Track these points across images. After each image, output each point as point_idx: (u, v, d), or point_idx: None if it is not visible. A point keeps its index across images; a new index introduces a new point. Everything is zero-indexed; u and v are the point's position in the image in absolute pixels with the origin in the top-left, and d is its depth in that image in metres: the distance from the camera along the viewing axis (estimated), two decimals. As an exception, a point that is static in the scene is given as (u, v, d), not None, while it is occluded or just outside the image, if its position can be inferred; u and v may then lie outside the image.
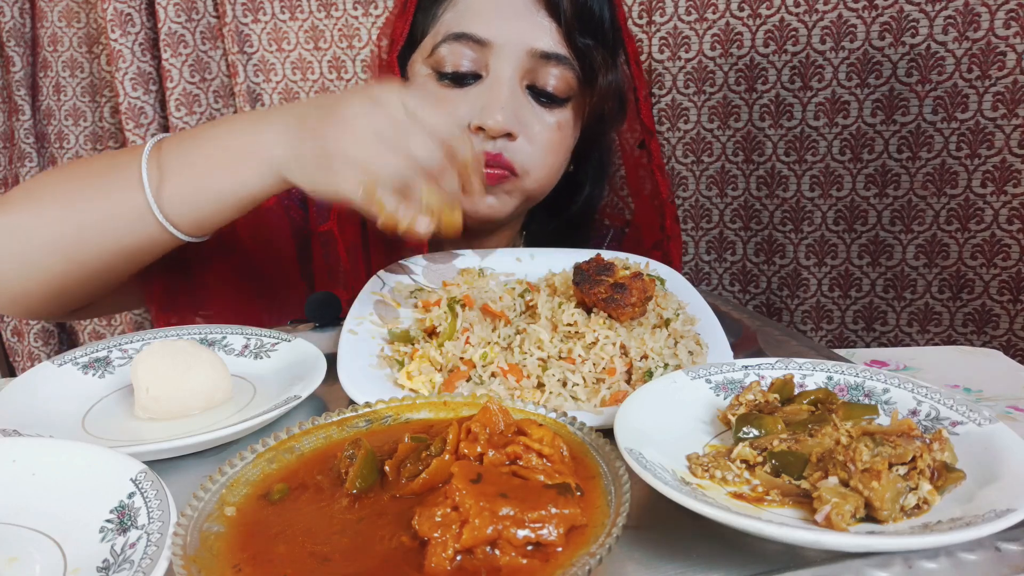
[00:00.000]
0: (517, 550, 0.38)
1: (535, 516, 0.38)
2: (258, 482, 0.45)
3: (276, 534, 0.40)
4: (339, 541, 0.40)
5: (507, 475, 0.42)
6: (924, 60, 1.24)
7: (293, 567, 0.38)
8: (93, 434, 0.58)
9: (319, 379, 0.61)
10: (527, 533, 0.38)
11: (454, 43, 0.83)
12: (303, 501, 0.43)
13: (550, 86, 0.85)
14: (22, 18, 1.48)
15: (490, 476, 0.41)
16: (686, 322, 0.69)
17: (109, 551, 0.42)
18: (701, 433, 0.54)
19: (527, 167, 0.86)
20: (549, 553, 0.38)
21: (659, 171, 0.98)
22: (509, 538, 0.38)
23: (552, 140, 0.88)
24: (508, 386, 0.60)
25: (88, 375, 0.66)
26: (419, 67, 0.87)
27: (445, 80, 0.85)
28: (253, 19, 1.43)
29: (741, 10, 1.29)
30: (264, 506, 0.43)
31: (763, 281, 1.43)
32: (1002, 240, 1.28)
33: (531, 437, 0.44)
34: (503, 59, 0.83)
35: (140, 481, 0.45)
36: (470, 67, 0.84)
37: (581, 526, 0.39)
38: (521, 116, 0.84)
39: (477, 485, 0.40)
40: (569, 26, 0.84)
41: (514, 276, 0.79)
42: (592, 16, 0.86)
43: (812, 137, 1.32)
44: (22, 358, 1.61)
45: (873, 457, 0.44)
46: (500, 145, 0.84)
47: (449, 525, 0.38)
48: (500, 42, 0.83)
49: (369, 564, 0.38)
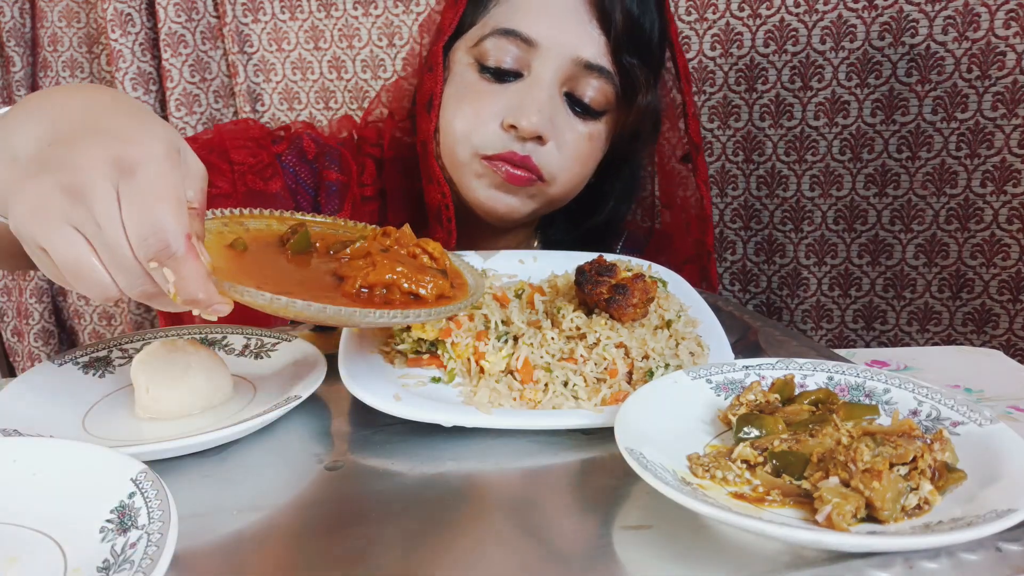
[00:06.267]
0: (402, 295, 0.57)
1: (418, 278, 0.58)
2: (215, 237, 0.59)
3: (240, 265, 0.56)
4: (286, 273, 0.58)
5: (407, 256, 0.61)
6: (924, 60, 1.24)
7: (253, 278, 0.53)
8: (93, 434, 0.57)
9: (319, 379, 0.61)
10: (411, 287, 0.57)
11: (501, 38, 0.83)
12: (256, 253, 0.59)
13: (587, 97, 0.85)
14: (22, 18, 1.48)
15: (394, 253, 0.60)
16: (688, 324, 0.69)
17: (109, 551, 0.42)
18: (702, 433, 0.54)
19: (553, 173, 0.86)
20: (422, 302, 0.58)
21: (704, 186, 0.98)
22: (399, 286, 0.57)
23: (582, 150, 0.88)
24: (512, 387, 0.61)
25: (88, 375, 0.66)
26: (461, 55, 0.87)
27: (486, 73, 0.84)
28: (253, 19, 1.43)
29: (741, 10, 1.29)
30: (229, 251, 0.58)
31: (763, 281, 1.43)
32: (1002, 240, 1.28)
33: (427, 248, 0.63)
34: (547, 62, 0.83)
35: (140, 481, 0.45)
36: (512, 64, 0.83)
37: (449, 296, 0.59)
38: (555, 121, 0.84)
39: (384, 254, 0.59)
40: (617, 41, 0.83)
41: (517, 278, 0.79)
42: (642, 34, 0.85)
43: (812, 137, 1.32)
44: (22, 358, 1.61)
45: (874, 457, 0.44)
46: (530, 148, 0.84)
47: (361, 269, 0.57)
48: (547, 45, 0.82)
49: (305, 287, 0.55)
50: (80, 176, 0.47)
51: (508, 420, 0.56)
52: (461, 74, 0.87)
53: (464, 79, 0.86)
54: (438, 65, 0.87)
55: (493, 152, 0.84)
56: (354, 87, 1.45)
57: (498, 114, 0.83)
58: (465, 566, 0.42)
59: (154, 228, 0.47)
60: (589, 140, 0.88)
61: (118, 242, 0.47)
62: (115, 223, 0.47)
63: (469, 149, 0.85)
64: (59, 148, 0.49)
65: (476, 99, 0.85)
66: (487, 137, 0.84)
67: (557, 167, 0.86)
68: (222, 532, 0.46)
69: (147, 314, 1.59)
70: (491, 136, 0.84)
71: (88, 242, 0.48)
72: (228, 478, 0.53)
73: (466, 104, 0.85)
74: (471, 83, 0.85)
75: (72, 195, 0.47)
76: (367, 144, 0.98)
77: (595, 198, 0.97)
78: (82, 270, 0.48)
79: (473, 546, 0.45)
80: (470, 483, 0.52)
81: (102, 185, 0.47)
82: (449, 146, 0.87)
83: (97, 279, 0.49)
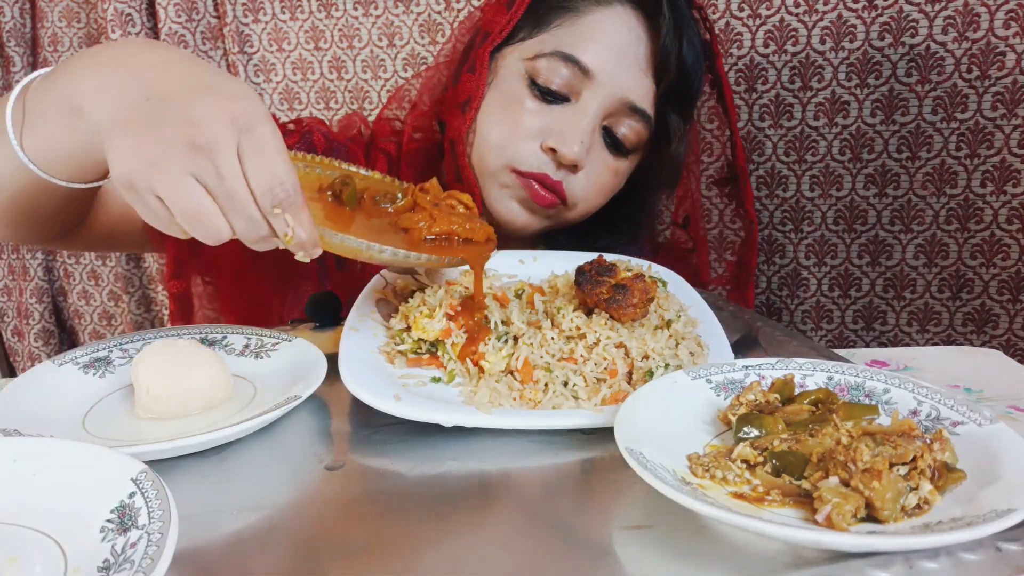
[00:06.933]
0: (459, 239, 0.67)
1: (470, 226, 0.68)
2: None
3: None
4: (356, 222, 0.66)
5: (449, 207, 0.70)
6: (924, 60, 1.24)
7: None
8: (93, 434, 0.58)
9: (320, 379, 0.61)
10: (466, 233, 0.68)
11: (559, 61, 0.84)
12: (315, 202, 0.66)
13: (620, 134, 0.87)
14: (22, 18, 1.48)
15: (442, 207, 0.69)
16: (688, 324, 0.69)
17: (110, 551, 0.42)
18: (702, 433, 0.54)
19: (577, 200, 0.88)
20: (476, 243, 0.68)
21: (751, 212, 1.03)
22: (457, 233, 0.67)
23: (607, 183, 0.90)
24: (512, 387, 0.61)
25: (88, 375, 0.66)
26: (512, 62, 0.87)
27: (535, 89, 0.85)
28: (253, 19, 1.43)
29: (741, 10, 1.29)
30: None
31: (763, 281, 1.43)
32: (1002, 240, 1.28)
33: (460, 199, 0.72)
34: (597, 95, 0.84)
35: (141, 481, 0.45)
36: (562, 88, 0.84)
37: (493, 239, 0.70)
38: (590, 151, 0.86)
39: (437, 208, 0.68)
40: (666, 91, 0.86)
41: (517, 278, 0.79)
42: (688, 88, 0.89)
43: (812, 137, 1.32)
44: (22, 358, 1.61)
45: (874, 457, 0.44)
46: (562, 174, 0.86)
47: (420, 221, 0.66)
48: (602, 79, 0.84)
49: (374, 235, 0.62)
50: (204, 131, 0.51)
51: (508, 420, 0.56)
52: (508, 82, 0.87)
53: (511, 88, 0.87)
54: (483, 68, 0.88)
55: (527, 169, 0.85)
56: (354, 87, 1.44)
57: (539, 133, 0.85)
58: (465, 566, 0.42)
59: (279, 179, 0.52)
60: (615, 175, 0.90)
61: (242, 192, 0.52)
62: (239, 175, 0.52)
63: (502, 160, 0.86)
64: (170, 104, 0.52)
65: (519, 112, 0.85)
66: (523, 154, 0.85)
67: (581, 194, 0.88)
68: (222, 532, 0.46)
69: (147, 314, 1.59)
70: (528, 154, 0.85)
71: (208, 191, 0.52)
72: (228, 478, 0.53)
73: (508, 115, 0.86)
74: (518, 95, 0.86)
75: (196, 149, 0.51)
76: (380, 138, 0.98)
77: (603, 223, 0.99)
78: (202, 217, 0.53)
79: (473, 546, 0.45)
80: (470, 483, 0.52)
81: (226, 140, 0.51)
82: (481, 151, 0.87)
83: (215, 224, 0.53)
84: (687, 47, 0.86)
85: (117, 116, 0.53)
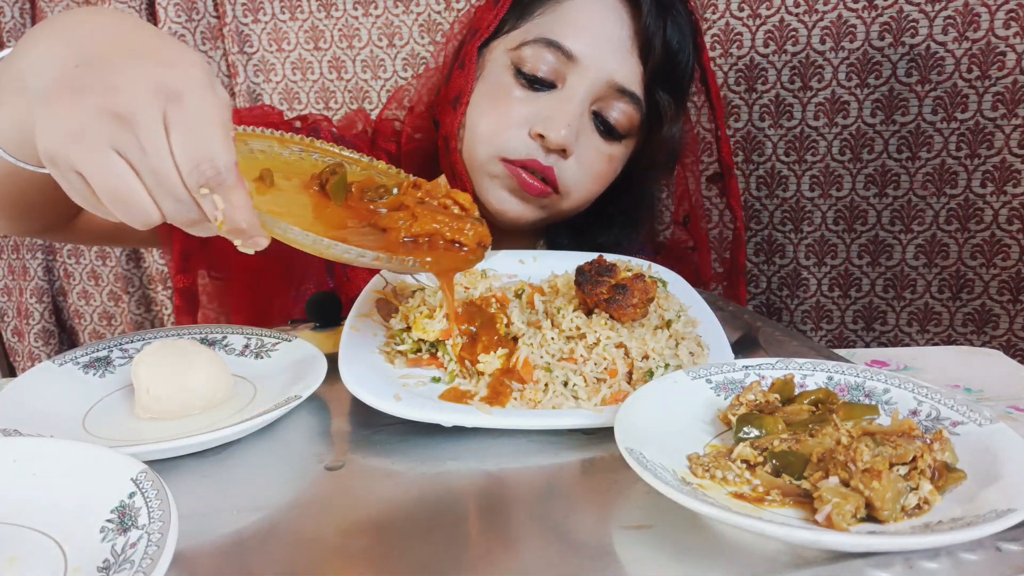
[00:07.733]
0: (445, 243, 0.59)
1: (459, 226, 0.60)
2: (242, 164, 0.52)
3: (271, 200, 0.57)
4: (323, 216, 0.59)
5: (442, 207, 0.63)
6: (924, 60, 1.24)
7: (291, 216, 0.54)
8: (93, 434, 0.58)
9: (320, 379, 0.61)
10: (453, 235, 0.60)
11: (542, 47, 0.83)
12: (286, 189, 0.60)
13: (613, 119, 0.86)
14: (22, 18, 1.48)
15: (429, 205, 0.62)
16: (688, 324, 0.69)
17: (110, 551, 0.42)
18: (702, 433, 0.54)
19: (569, 187, 0.87)
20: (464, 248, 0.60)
21: (737, 207, 1.00)
22: (441, 235, 0.59)
23: (600, 170, 0.89)
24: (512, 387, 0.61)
25: (88, 375, 0.66)
26: (498, 55, 0.87)
27: (520, 78, 0.85)
28: (253, 19, 1.43)
29: (741, 10, 1.29)
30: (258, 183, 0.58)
31: (763, 281, 1.43)
32: (1002, 240, 1.28)
33: (457, 199, 0.64)
34: (583, 78, 0.84)
35: (141, 481, 0.45)
36: (548, 74, 0.84)
37: (486, 244, 0.62)
38: (580, 137, 0.85)
39: (422, 205, 0.61)
40: (653, 72, 0.85)
41: (517, 278, 0.79)
42: (676, 68, 0.87)
43: (812, 137, 1.32)
44: (22, 358, 1.61)
45: (874, 457, 0.44)
46: (552, 159, 0.85)
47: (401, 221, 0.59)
48: (587, 63, 0.83)
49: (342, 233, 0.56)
50: (125, 100, 0.45)
51: (508, 420, 0.56)
52: (495, 74, 0.87)
53: (497, 80, 0.86)
54: (471, 64, 0.88)
55: (516, 157, 0.85)
56: (354, 87, 1.45)
57: (526, 121, 0.84)
58: (465, 566, 0.42)
59: (207, 154, 0.46)
60: (608, 160, 0.89)
61: (166, 168, 0.46)
62: (163, 149, 0.46)
63: (491, 150, 0.86)
64: (92, 70, 0.46)
65: (506, 102, 0.85)
66: (512, 142, 0.85)
67: (573, 182, 0.87)
68: (222, 532, 0.46)
69: (147, 314, 1.59)
70: (516, 142, 0.85)
71: (131, 167, 0.46)
72: (228, 478, 0.53)
73: (495, 106, 0.86)
74: (505, 85, 0.86)
75: (116, 119, 0.45)
76: (382, 138, 0.98)
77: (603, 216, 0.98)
78: (124, 195, 0.47)
79: (473, 546, 0.45)
80: (470, 483, 0.51)
81: (149, 110, 0.45)
82: (471, 144, 0.87)
83: (140, 204, 0.47)
84: (671, 27, 0.85)
85: (47, 86, 0.48)
